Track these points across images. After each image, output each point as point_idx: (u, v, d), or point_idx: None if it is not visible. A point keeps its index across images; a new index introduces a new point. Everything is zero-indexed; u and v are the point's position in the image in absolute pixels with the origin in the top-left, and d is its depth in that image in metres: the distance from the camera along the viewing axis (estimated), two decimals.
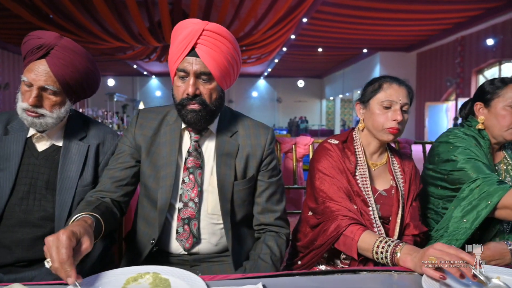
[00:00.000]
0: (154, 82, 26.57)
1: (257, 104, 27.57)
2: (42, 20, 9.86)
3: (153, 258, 1.25)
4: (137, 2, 8.91)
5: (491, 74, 13.52)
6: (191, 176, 1.22)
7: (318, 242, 1.26)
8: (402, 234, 1.33)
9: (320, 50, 17.11)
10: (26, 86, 1.18)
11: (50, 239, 0.81)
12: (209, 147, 1.26)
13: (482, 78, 13.89)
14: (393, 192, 1.37)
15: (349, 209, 1.25)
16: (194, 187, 1.22)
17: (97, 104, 20.00)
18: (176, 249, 1.24)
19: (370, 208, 1.30)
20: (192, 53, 1.12)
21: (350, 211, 1.24)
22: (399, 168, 1.42)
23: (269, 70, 23.50)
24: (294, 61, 20.48)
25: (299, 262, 1.38)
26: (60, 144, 1.29)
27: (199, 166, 1.23)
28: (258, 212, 1.29)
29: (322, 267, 1.35)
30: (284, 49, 16.32)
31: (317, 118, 27.82)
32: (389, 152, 1.44)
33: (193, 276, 0.87)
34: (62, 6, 9.04)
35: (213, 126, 1.26)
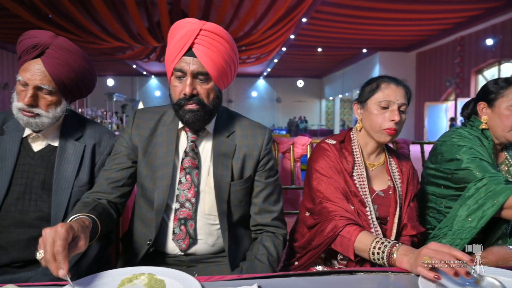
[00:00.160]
0: (153, 82, 26.56)
1: (256, 104, 27.57)
2: (41, 19, 9.86)
3: (149, 258, 1.24)
4: (136, 2, 8.91)
5: (491, 74, 13.53)
6: (188, 176, 1.22)
7: (315, 242, 1.26)
8: (399, 234, 1.33)
9: (319, 50, 17.11)
10: (22, 85, 1.18)
11: (48, 230, 0.81)
12: (206, 147, 1.25)
13: (481, 78, 13.90)
14: (390, 192, 1.37)
15: (346, 209, 1.24)
16: (190, 188, 1.22)
17: (96, 104, 20.00)
18: (172, 249, 1.23)
19: (367, 208, 1.30)
20: (189, 53, 1.11)
21: (347, 212, 1.24)
22: (397, 168, 1.42)
23: (268, 70, 23.50)
24: (294, 61, 20.48)
25: (296, 263, 1.38)
26: (56, 144, 1.28)
27: (196, 166, 1.23)
28: (255, 212, 1.28)
29: (319, 268, 1.34)
30: (283, 49, 16.32)
31: (316, 118, 27.81)
32: (386, 152, 1.44)
33: (188, 277, 0.87)
34: (61, 5, 9.04)
35: (210, 126, 1.25)
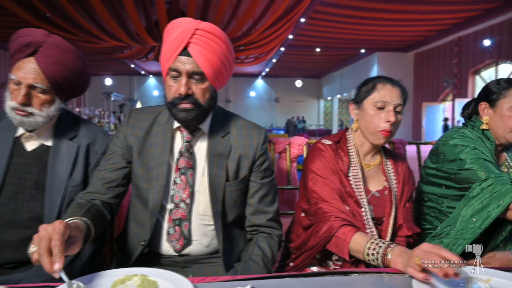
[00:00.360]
0: (151, 81, 26.51)
1: (255, 104, 27.56)
2: (38, 18, 9.82)
3: (144, 259, 1.23)
4: (134, 1, 8.88)
5: (488, 74, 13.56)
6: (183, 176, 1.21)
7: (310, 243, 1.26)
8: (395, 235, 1.32)
9: (318, 50, 17.11)
10: (15, 84, 1.17)
11: (45, 226, 0.79)
12: (201, 148, 1.25)
13: (478, 78, 13.93)
14: (386, 193, 1.36)
15: (341, 210, 1.24)
16: (185, 188, 1.21)
17: (94, 103, 19.96)
18: (167, 250, 1.23)
19: (363, 209, 1.29)
20: (184, 52, 1.11)
21: (342, 212, 1.23)
22: (393, 169, 1.41)
23: (267, 70, 23.49)
24: (292, 61, 20.47)
25: (291, 264, 1.37)
26: (49, 143, 1.27)
27: (191, 166, 1.22)
28: (250, 213, 1.27)
29: (315, 268, 1.34)
30: (282, 49, 16.31)
31: (314, 118, 27.83)
32: (382, 152, 1.43)
33: (181, 278, 0.86)
34: (59, 4, 9.00)
35: (205, 126, 1.24)
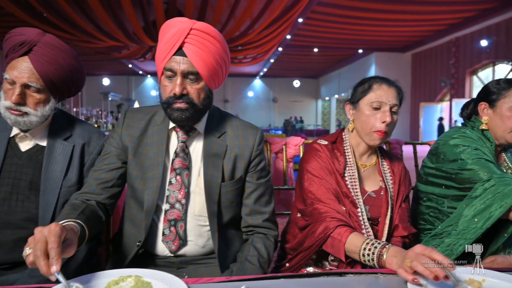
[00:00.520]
0: (149, 81, 26.46)
1: (253, 104, 27.56)
2: (36, 18, 9.79)
3: (139, 260, 1.23)
4: (131, 1, 8.87)
5: (485, 75, 13.61)
6: (178, 177, 1.21)
7: (306, 244, 1.25)
8: (391, 235, 1.32)
9: (315, 50, 17.13)
10: (9, 84, 1.16)
11: (40, 228, 0.79)
12: (196, 148, 1.24)
13: (476, 79, 13.98)
14: (382, 193, 1.36)
15: (337, 210, 1.24)
16: (181, 189, 1.20)
17: (91, 103, 19.92)
18: (162, 251, 1.22)
19: (358, 209, 1.29)
20: (179, 52, 1.10)
21: (338, 213, 1.23)
22: (389, 169, 1.41)
23: (265, 70, 23.49)
24: (290, 61, 20.49)
25: (287, 264, 1.37)
26: (44, 144, 1.26)
27: (187, 167, 1.22)
28: (246, 213, 1.27)
29: (310, 269, 1.33)
30: (279, 49, 16.32)
31: (312, 118, 27.85)
32: (378, 153, 1.43)
33: (175, 279, 0.86)
34: (56, 4, 8.97)
35: (201, 126, 1.24)
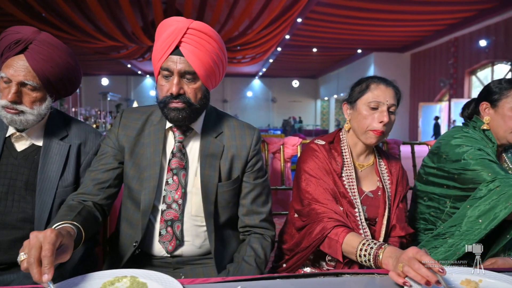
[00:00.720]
0: (148, 81, 26.44)
1: (252, 104, 27.56)
2: (34, 18, 9.77)
3: (136, 260, 1.22)
4: (130, 1, 8.86)
5: (484, 75, 13.63)
6: (175, 177, 1.20)
7: (303, 244, 1.25)
8: (388, 235, 1.32)
9: (314, 50, 17.13)
10: (5, 82, 1.15)
11: (36, 233, 0.78)
12: (193, 148, 1.24)
13: (475, 79, 14.00)
14: (379, 193, 1.36)
15: (334, 211, 1.23)
16: (178, 189, 1.20)
17: (90, 103, 19.90)
18: (159, 251, 1.22)
19: (356, 209, 1.29)
20: (176, 51, 1.10)
21: (335, 213, 1.22)
22: (386, 169, 1.41)
23: (263, 70, 23.49)
24: (289, 61, 20.49)
25: (284, 265, 1.36)
26: (40, 143, 1.26)
27: (183, 167, 1.21)
28: (243, 214, 1.27)
29: (308, 269, 1.33)
30: (278, 49, 16.32)
31: (311, 118, 27.87)
32: (376, 153, 1.43)
33: (171, 279, 0.85)
34: (54, 4, 8.96)
35: (197, 126, 1.23)
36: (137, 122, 1.26)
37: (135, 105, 20.24)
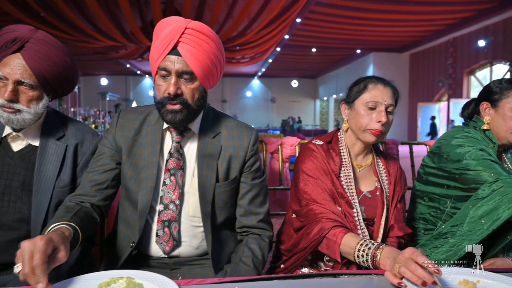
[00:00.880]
0: (147, 81, 26.39)
1: (251, 104, 27.55)
2: (33, 18, 9.74)
3: (133, 261, 1.22)
4: (129, 1, 8.85)
5: (483, 75, 13.64)
6: (172, 177, 1.20)
7: (301, 245, 1.24)
8: (386, 236, 1.32)
9: (313, 50, 17.12)
10: (1, 81, 1.15)
11: (26, 244, 0.79)
12: (191, 148, 1.23)
13: (473, 79, 14.01)
14: (377, 193, 1.36)
15: (332, 211, 1.23)
16: (175, 189, 1.19)
17: (89, 103, 19.88)
18: (156, 252, 1.21)
19: (354, 209, 1.28)
20: (174, 51, 1.09)
21: (333, 214, 1.22)
22: (384, 169, 1.40)
23: (263, 70, 23.48)
24: (288, 61, 20.48)
25: (282, 266, 1.36)
26: (36, 143, 1.25)
27: (181, 167, 1.21)
28: (240, 214, 1.26)
29: (305, 270, 1.33)
30: (278, 49, 16.31)
31: (311, 118, 27.86)
32: (374, 153, 1.43)
33: (167, 280, 0.85)
34: (53, 4, 8.94)
35: (195, 126, 1.23)
36: (134, 122, 1.25)
37: (134, 105, 20.19)
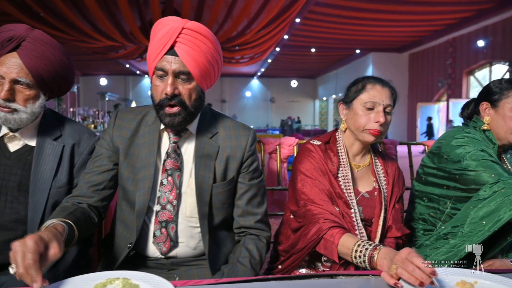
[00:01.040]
0: (146, 81, 26.36)
1: (250, 104, 27.54)
2: (32, 18, 9.73)
3: (130, 261, 1.22)
4: (128, 1, 8.84)
5: (482, 75, 13.65)
6: (170, 178, 1.19)
7: (299, 246, 1.24)
8: (384, 236, 1.31)
9: (313, 50, 17.12)
10: None
11: (17, 244, 0.79)
12: (188, 149, 1.23)
13: (473, 79, 14.02)
14: (375, 194, 1.35)
15: (330, 212, 1.23)
16: (172, 190, 1.19)
17: (88, 103, 19.87)
18: (153, 252, 1.21)
19: (352, 210, 1.28)
20: (171, 51, 1.09)
21: (331, 214, 1.22)
22: (382, 169, 1.40)
23: (262, 70, 23.47)
24: (287, 61, 20.48)
25: (280, 266, 1.36)
26: (33, 144, 1.25)
27: (178, 168, 1.20)
28: (238, 215, 1.26)
29: (303, 271, 1.33)
30: (277, 49, 16.30)
31: (310, 118, 27.86)
32: (372, 153, 1.42)
33: (163, 281, 0.85)
34: (52, 4, 8.93)
35: (192, 127, 1.23)
36: (131, 122, 1.25)
37: (134, 105, 20.19)
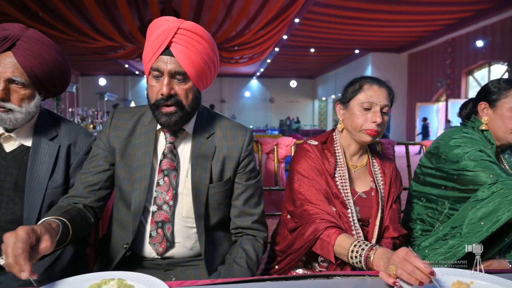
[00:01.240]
0: (145, 81, 26.33)
1: (249, 104, 27.54)
2: (31, 18, 9.71)
3: (126, 262, 1.21)
4: (127, 1, 8.83)
5: (481, 75, 13.66)
6: (166, 178, 1.19)
7: (295, 246, 1.24)
8: (381, 236, 1.31)
9: (312, 50, 17.13)
10: None
11: (8, 235, 0.79)
12: (185, 149, 1.23)
13: (472, 79, 14.03)
14: (372, 194, 1.35)
15: (327, 212, 1.22)
16: (169, 190, 1.19)
17: (87, 103, 19.87)
18: (149, 253, 1.20)
19: (349, 210, 1.28)
20: (166, 52, 1.09)
21: (328, 214, 1.22)
22: (380, 169, 1.40)
23: (261, 70, 23.48)
24: (287, 61, 20.49)
25: (277, 267, 1.35)
26: (29, 144, 1.24)
27: (174, 168, 1.20)
28: (235, 215, 1.26)
29: (300, 271, 1.32)
30: (276, 49, 16.30)
31: (309, 118, 27.87)
32: (369, 153, 1.42)
33: (158, 282, 0.84)
34: (51, 4, 8.92)
35: (189, 127, 1.22)
36: (128, 123, 1.24)
37: (132, 105, 20.17)
